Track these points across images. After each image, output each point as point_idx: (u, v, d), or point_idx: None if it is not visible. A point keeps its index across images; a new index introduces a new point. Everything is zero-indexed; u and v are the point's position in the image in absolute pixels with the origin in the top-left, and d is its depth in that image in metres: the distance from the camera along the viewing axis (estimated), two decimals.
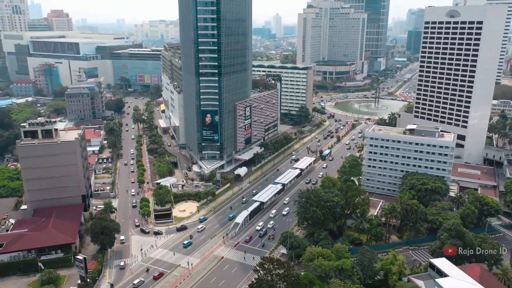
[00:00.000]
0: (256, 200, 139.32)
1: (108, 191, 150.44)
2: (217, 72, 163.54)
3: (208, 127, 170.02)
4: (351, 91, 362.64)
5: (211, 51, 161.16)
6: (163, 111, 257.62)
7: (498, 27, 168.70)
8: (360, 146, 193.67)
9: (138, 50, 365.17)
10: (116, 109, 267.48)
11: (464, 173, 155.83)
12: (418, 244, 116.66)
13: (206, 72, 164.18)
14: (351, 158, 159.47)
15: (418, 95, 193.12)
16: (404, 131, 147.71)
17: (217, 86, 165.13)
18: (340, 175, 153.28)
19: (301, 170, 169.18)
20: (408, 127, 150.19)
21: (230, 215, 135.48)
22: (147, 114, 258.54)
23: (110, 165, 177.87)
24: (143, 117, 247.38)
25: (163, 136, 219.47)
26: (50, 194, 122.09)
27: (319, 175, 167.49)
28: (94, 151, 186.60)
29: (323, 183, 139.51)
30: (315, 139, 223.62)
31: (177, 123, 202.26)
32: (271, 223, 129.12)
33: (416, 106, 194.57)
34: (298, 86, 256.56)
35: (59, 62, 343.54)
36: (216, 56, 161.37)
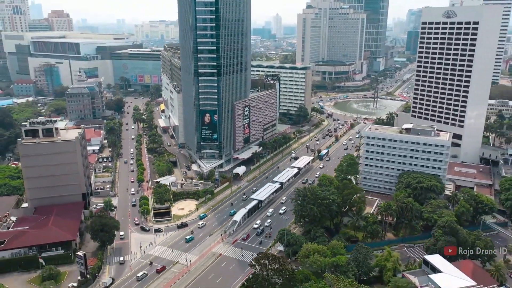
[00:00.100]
0: (254, 199, 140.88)
1: (108, 190, 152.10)
2: (216, 72, 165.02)
3: (207, 126, 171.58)
4: (350, 91, 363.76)
5: (210, 51, 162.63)
6: (162, 111, 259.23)
7: (494, 27, 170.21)
8: (358, 145, 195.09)
9: (138, 50, 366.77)
10: (116, 109, 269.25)
11: (460, 172, 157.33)
12: (413, 241, 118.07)
13: (205, 72, 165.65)
14: (348, 157, 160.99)
15: (415, 95, 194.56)
16: (400, 130, 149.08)
17: (216, 86, 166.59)
18: (337, 173, 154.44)
19: (299, 169, 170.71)
20: (404, 126, 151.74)
21: (231, 211, 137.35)
22: (147, 114, 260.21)
23: (110, 164, 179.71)
24: (143, 116, 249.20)
25: (163, 136, 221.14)
26: (50, 192, 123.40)
27: (316, 175, 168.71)
28: (94, 150, 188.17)
29: (320, 181, 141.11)
30: (314, 138, 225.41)
31: (176, 123, 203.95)
32: (269, 221, 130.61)
33: (414, 106, 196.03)
34: (297, 86, 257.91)
35: (60, 62, 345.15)
36: (215, 56, 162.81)
